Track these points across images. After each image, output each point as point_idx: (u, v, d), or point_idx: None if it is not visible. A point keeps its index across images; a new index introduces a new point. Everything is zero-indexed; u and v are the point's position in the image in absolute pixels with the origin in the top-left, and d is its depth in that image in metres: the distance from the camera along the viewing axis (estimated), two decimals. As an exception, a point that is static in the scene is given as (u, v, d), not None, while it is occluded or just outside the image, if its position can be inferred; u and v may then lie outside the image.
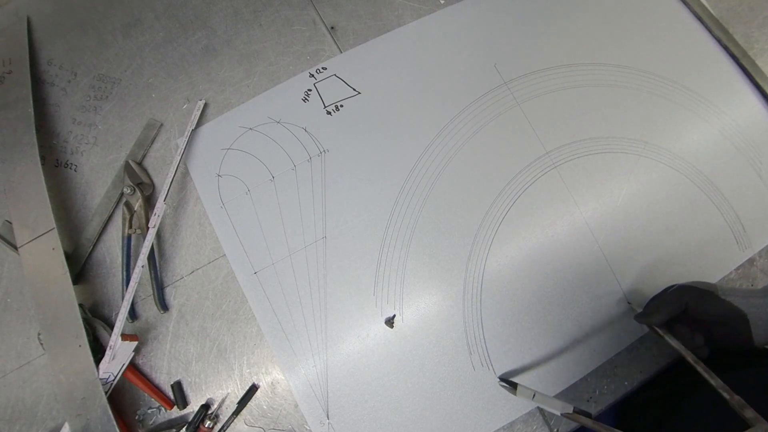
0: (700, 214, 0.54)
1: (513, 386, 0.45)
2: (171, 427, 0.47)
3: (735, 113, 0.57)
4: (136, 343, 0.47)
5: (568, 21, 0.60)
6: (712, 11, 0.60)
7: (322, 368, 0.48)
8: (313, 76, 0.57)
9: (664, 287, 0.46)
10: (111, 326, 0.46)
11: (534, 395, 0.44)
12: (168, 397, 0.48)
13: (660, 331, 0.43)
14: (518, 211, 0.53)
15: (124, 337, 0.46)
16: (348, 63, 0.57)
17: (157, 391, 0.48)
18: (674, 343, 0.41)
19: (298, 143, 0.54)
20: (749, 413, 0.33)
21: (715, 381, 0.36)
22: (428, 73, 0.57)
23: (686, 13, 0.61)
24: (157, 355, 0.49)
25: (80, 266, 0.51)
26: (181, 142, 0.53)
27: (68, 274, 0.46)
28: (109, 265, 0.51)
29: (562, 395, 0.49)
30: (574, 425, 0.49)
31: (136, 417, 0.47)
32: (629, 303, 0.51)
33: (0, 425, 0.47)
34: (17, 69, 0.56)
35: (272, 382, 0.49)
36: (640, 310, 0.47)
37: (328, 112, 0.55)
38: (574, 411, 0.42)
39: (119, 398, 0.48)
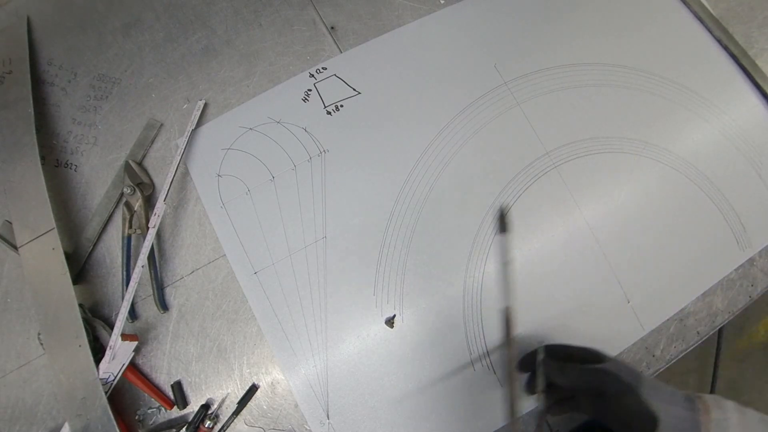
0: (700, 214, 0.54)
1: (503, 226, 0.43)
2: (171, 427, 0.47)
3: (735, 113, 0.57)
4: (136, 343, 0.47)
5: (568, 21, 0.60)
6: (712, 11, 0.60)
7: (322, 368, 0.48)
8: (313, 76, 0.57)
9: (665, 286, 0.45)
10: (111, 326, 0.46)
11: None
12: (168, 397, 0.48)
13: (542, 391, 0.41)
14: (518, 212, 0.53)
15: (124, 337, 0.46)
16: (348, 63, 0.57)
17: (157, 391, 0.48)
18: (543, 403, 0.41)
19: (298, 143, 0.54)
20: None
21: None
22: (428, 73, 0.57)
23: (686, 13, 0.61)
24: (157, 355, 0.49)
25: (80, 266, 0.51)
26: (181, 142, 0.53)
27: (68, 274, 0.46)
28: (109, 265, 0.51)
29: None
30: (573, 425, 0.48)
31: (136, 417, 0.47)
32: (629, 302, 0.51)
33: (0, 425, 0.47)
34: (17, 69, 0.56)
35: (272, 382, 0.49)
36: (641, 311, 0.46)
37: (328, 112, 0.55)
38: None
39: (119, 398, 0.48)
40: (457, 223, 0.52)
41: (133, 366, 0.48)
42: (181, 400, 0.48)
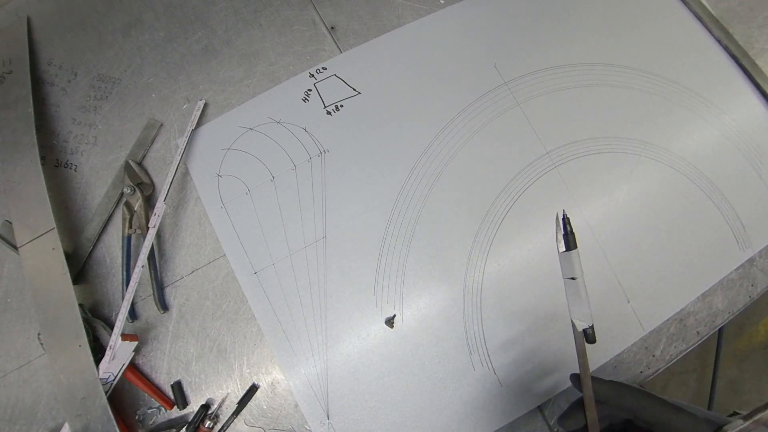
0: (700, 214, 0.54)
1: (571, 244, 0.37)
2: (171, 427, 0.47)
3: (735, 113, 0.57)
4: (136, 343, 0.47)
5: (568, 21, 0.60)
6: (712, 11, 0.60)
7: (322, 368, 0.48)
8: (313, 76, 0.57)
9: (665, 286, 0.44)
10: (111, 326, 0.46)
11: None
12: (168, 397, 0.48)
13: None
14: (518, 211, 0.53)
15: (124, 337, 0.46)
16: (348, 63, 0.57)
17: (157, 391, 0.48)
18: None
19: (298, 143, 0.54)
20: None
21: None
22: (428, 73, 0.57)
23: (686, 13, 0.61)
24: (157, 355, 0.49)
25: (80, 266, 0.51)
26: (181, 142, 0.53)
27: (68, 274, 0.46)
28: (109, 265, 0.51)
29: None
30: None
31: (136, 417, 0.47)
32: (629, 302, 0.51)
33: (0, 425, 0.47)
34: (17, 69, 0.56)
35: (272, 382, 0.49)
36: (641, 311, 0.46)
37: (328, 112, 0.55)
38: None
39: (119, 398, 0.48)
40: (457, 223, 0.52)
41: (133, 366, 0.48)
42: (181, 400, 0.48)
